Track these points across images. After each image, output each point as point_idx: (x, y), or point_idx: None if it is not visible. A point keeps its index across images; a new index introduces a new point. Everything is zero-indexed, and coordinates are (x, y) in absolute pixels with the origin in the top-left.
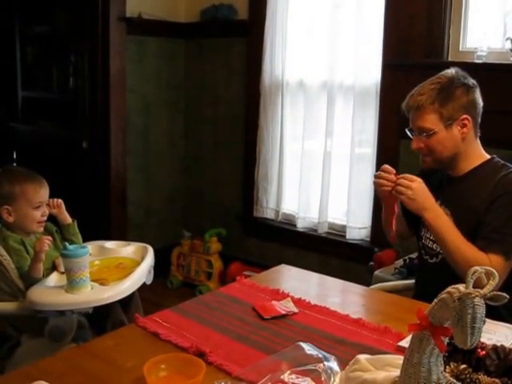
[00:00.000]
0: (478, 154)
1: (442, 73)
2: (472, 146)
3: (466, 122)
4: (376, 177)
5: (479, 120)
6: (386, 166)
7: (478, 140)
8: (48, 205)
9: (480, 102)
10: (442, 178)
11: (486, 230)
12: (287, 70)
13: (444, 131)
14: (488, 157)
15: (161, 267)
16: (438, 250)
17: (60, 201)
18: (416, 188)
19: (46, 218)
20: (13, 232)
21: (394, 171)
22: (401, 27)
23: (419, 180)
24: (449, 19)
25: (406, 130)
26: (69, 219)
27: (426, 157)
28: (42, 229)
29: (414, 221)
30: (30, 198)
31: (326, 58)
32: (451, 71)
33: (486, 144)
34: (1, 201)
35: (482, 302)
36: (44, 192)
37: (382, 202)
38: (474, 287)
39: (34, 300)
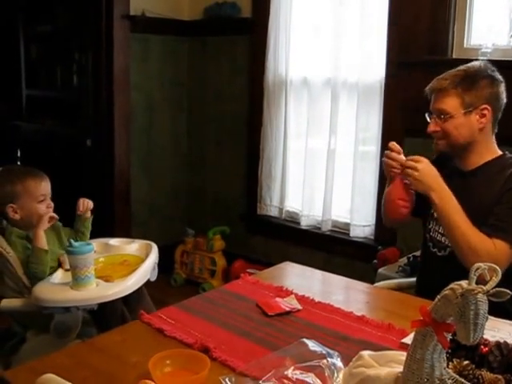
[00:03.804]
0: (490, 149)
1: (472, 63)
2: (487, 140)
3: (485, 111)
4: (386, 156)
5: (499, 116)
6: (394, 144)
7: (494, 137)
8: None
9: (503, 98)
10: (453, 170)
11: (493, 219)
12: (291, 68)
13: (462, 117)
14: (500, 153)
15: (164, 265)
16: (447, 242)
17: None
18: (422, 169)
19: (51, 211)
20: (19, 229)
21: (402, 150)
22: (405, 24)
23: (425, 161)
24: (453, 16)
25: (426, 115)
26: (89, 212)
27: (440, 140)
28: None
29: (422, 210)
30: (33, 192)
31: (329, 55)
32: (480, 63)
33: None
34: (5, 200)
35: (485, 298)
36: (45, 185)
37: (388, 182)
38: (476, 283)
39: (40, 296)
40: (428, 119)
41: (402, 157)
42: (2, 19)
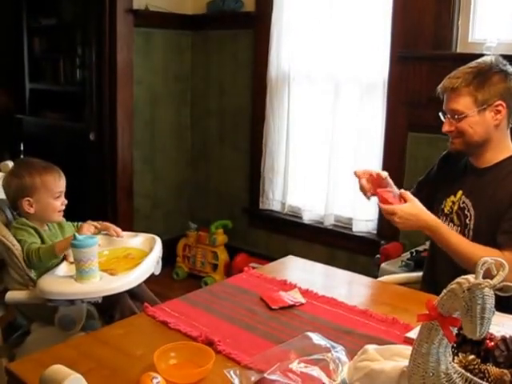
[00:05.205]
0: (506, 147)
1: (482, 58)
2: (502, 136)
3: (500, 108)
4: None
5: None
6: (357, 173)
7: (509, 132)
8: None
9: None
10: (466, 167)
11: (507, 225)
12: (294, 62)
13: (476, 115)
14: None
15: (167, 258)
16: None
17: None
18: (399, 218)
19: (64, 207)
20: (28, 221)
21: (366, 171)
22: (409, 19)
23: (398, 208)
24: (458, 10)
25: (440, 114)
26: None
27: (456, 139)
28: (61, 218)
29: (431, 205)
30: (51, 188)
31: (332, 49)
32: (491, 58)
33: None
34: (22, 193)
35: (492, 292)
36: (62, 182)
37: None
38: (483, 278)
39: (45, 289)
40: (442, 118)
41: (379, 174)
42: (5, 12)
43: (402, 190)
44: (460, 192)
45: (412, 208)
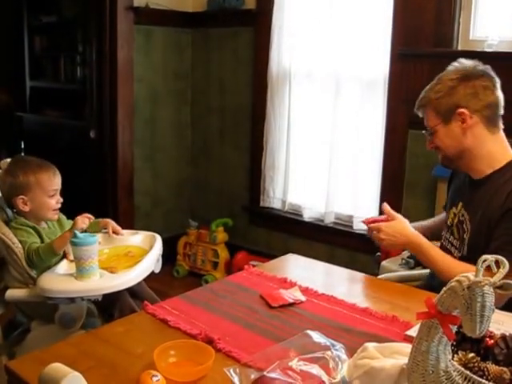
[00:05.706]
0: (498, 154)
1: (449, 66)
2: (485, 144)
3: (463, 116)
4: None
5: (495, 113)
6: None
7: (501, 137)
8: (113, 232)
9: (489, 93)
10: (465, 180)
11: (494, 246)
12: (294, 60)
13: (442, 128)
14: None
15: (167, 256)
16: (455, 254)
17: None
18: (385, 235)
19: (60, 206)
20: (26, 219)
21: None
22: (410, 16)
23: (383, 226)
24: (459, 7)
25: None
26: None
27: (439, 154)
28: (57, 216)
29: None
30: (45, 186)
31: (333, 47)
32: (457, 63)
33: None
34: (16, 191)
35: (492, 290)
36: (58, 180)
37: None
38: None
39: (45, 287)
40: None
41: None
42: (6, 10)
43: (388, 209)
44: (460, 204)
45: (396, 224)
